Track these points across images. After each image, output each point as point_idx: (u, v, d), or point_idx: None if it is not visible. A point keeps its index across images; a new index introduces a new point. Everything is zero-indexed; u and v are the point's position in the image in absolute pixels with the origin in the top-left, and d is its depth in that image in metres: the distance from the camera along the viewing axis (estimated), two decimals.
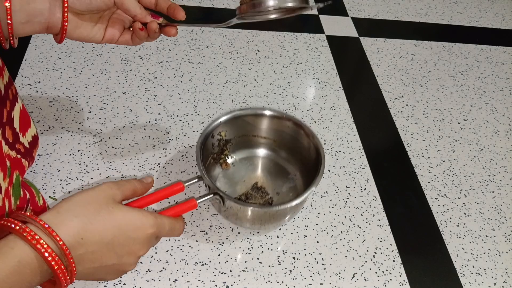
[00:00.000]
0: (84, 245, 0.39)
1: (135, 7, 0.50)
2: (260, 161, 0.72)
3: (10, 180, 0.49)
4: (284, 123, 0.69)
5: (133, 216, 0.42)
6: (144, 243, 0.44)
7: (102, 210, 0.41)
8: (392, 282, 0.62)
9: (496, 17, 1.24)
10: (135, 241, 0.43)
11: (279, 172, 0.71)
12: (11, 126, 0.55)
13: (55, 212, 0.40)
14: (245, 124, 0.69)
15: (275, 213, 0.60)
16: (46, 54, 0.86)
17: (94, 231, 0.40)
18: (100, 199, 0.42)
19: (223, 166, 0.70)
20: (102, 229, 0.40)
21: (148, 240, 0.44)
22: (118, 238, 0.41)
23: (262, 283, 0.60)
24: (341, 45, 1.04)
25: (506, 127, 0.91)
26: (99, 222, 0.40)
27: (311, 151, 0.66)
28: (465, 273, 0.65)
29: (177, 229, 0.48)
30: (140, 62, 0.89)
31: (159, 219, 0.45)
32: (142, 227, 0.43)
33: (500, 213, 0.74)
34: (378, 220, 0.70)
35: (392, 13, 1.17)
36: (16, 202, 0.50)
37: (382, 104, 0.91)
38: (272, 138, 0.72)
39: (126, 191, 0.45)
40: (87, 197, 0.42)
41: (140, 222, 0.43)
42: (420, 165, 0.80)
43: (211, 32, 0.99)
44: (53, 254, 0.37)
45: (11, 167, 0.50)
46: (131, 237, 0.42)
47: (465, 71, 1.03)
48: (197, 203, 0.52)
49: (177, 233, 0.48)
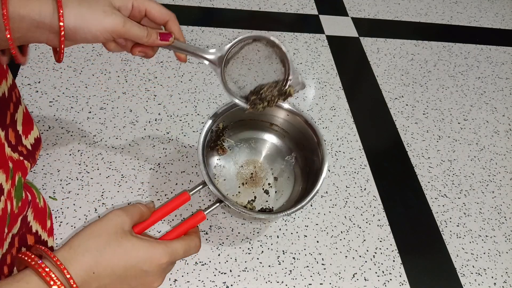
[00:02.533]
0: (96, 279, 0.40)
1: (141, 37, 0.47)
2: (257, 143, 0.71)
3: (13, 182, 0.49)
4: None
5: (143, 248, 0.42)
6: (157, 274, 0.43)
7: (112, 242, 0.41)
8: (392, 282, 0.62)
9: (496, 17, 1.24)
10: (148, 273, 0.42)
11: (276, 153, 0.71)
12: (14, 128, 0.55)
13: (68, 248, 0.40)
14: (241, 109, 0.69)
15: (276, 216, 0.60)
16: (46, 54, 0.86)
17: (106, 264, 0.40)
18: (109, 230, 0.42)
19: (220, 151, 0.70)
20: (113, 262, 0.40)
21: (161, 271, 0.44)
22: (130, 271, 0.41)
23: (262, 283, 0.60)
24: (341, 45, 1.03)
25: (506, 127, 0.91)
26: (110, 255, 0.40)
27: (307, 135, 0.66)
28: (465, 273, 0.65)
29: (193, 248, 0.47)
30: (140, 62, 0.89)
31: (170, 247, 0.44)
32: (153, 259, 0.42)
33: (500, 213, 0.74)
34: (378, 220, 0.70)
35: (392, 13, 1.17)
36: (18, 204, 0.50)
37: (382, 104, 0.91)
38: (269, 121, 0.71)
39: (134, 216, 0.45)
40: (96, 229, 0.42)
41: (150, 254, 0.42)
42: (420, 165, 0.80)
43: (211, 32, 0.99)
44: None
45: (13, 169, 0.51)
46: (142, 269, 0.42)
47: (465, 71, 1.03)
48: (205, 215, 0.52)
49: (193, 251, 0.47)
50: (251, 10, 1.08)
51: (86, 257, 0.40)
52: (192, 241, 0.47)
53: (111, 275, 0.40)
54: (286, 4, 1.12)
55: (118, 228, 0.42)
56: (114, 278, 0.41)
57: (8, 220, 0.48)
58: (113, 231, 0.42)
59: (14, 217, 0.49)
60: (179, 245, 0.45)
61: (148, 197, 0.67)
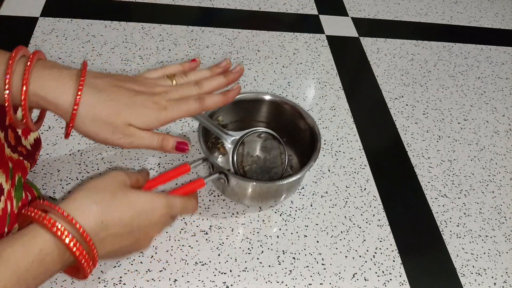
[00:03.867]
0: (105, 228, 0.40)
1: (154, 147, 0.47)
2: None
3: (12, 182, 0.49)
4: (281, 107, 0.71)
5: (146, 198, 0.44)
6: (158, 223, 0.45)
7: (117, 194, 0.42)
8: (392, 282, 0.62)
9: (496, 17, 1.24)
10: (151, 222, 0.44)
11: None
12: (13, 129, 0.55)
13: (73, 200, 0.40)
14: (241, 109, 0.71)
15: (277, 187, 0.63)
16: (46, 54, 0.86)
17: (114, 214, 0.41)
18: (113, 185, 0.43)
19: (221, 149, 0.72)
20: (120, 212, 0.41)
21: (161, 221, 0.45)
22: (136, 220, 0.43)
23: (262, 283, 0.60)
24: (341, 45, 1.04)
25: (506, 127, 0.91)
26: (117, 206, 0.41)
27: (307, 132, 0.68)
28: (465, 273, 0.65)
29: (190, 207, 0.49)
30: (140, 62, 0.89)
31: (171, 199, 0.46)
32: (156, 208, 0.44)
33: (500, 213, 0.74)
34: (378, 220, 0.70)
35: (392, 13, 1.17)
36: (18, 204, 0.50)
37: (382, 104, 0.91)
38: (267, 121, 0.73)
39: (132, 178, 0.47)
40: (101, 184, 0.43)
41: (153, 203, 0.44)
42: (420, 165, 0.80)
43: (211, 32, 0.99)
44: (74, 240, 0.38)
45: (13, 169, 0.51)
46: (146, 218, 0.43)
47: (465, 71, 1.03)
48: (204, 182, 0.53)
49: (190, 210, 0.49)
50: (251, 10, 1.08)
51: (93, 208, 0.40)
52: (190, 200, 0.49)
53: (118, 224, 0.41)
54: (286, 4, 1.12)
55: (121, 183, 0.43)
56: (121, 228, 0.42)
57: (8, 220, 0.48)
58: (118, 186, 0.43)
59: (14, 217, 0.49)
60: (178, 200, 0.47)
61: None
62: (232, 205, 0.68)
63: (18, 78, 0.39)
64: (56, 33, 0.91)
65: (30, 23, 0.92)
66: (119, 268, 0.58)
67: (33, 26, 0.91)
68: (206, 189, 0.69)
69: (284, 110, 0.71)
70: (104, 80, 0.44)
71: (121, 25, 0.96)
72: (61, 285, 0.56)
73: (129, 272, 0.58)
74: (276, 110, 0.72)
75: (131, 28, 0.96)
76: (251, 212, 0.67)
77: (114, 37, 0.93)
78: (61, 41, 0.89)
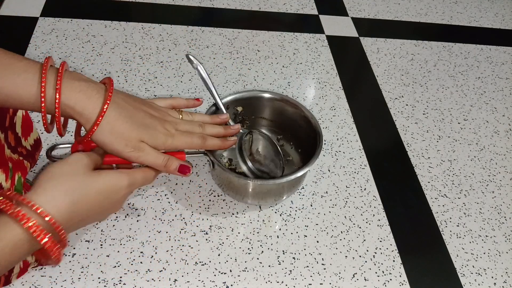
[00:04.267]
0: (75, 216, 0.43)
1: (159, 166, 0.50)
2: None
3: (12, 182, 0.50)
4: (284, 105, 0.71)
5: (111, 180, 0.46)
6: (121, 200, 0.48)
7: (86, 181, 0.44)
8: (392, 282, 0.62)
9: (496, 17, 1.24)
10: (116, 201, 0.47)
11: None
12: (13, 131, 0.56)
13: (43, 190, 0.41)
14: (247, 105, 0.72)
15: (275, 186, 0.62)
16: (46, 54, 0.86)
17: (83, 202, 0.43)
18: (79, 170, 0.44)
19: None
20: (89, 197, 0.44)
21: (126, 196, 0.48)
22: (103, 202, 0.45)
23: (262, 283, 0.60)
24: (341, 45, 1.04)
25: (506, 127, 0.91)
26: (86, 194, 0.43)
27: (309, 131, 0.68)
28: (465, 273, 0.65)
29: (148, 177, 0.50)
30: (140, 62, 0.89)
31: (131, 176, 0.48)
32: (121, 188, 0.46)
33: (500, 213, 0.74)
34: (378, 220, 0.70)
35: (392, 13, 1.17)
36: None
37: (382, 104, 0.91)
38: (269, 118, 0.74)
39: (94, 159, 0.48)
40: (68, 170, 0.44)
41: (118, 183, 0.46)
42: (420, 165, 0.80)
43: (211, 32, 0.99)
44: (48, 235, 0.39)
45: (13, 168, 0.51)
46: (112, 198, 0.46)
47: (465, 71, 1.03)
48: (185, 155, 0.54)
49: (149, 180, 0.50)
50: (251, 10, 1.08)
51: (65, 200, 0.42)
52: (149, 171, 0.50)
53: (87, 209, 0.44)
54: (286, 4, 1.12)
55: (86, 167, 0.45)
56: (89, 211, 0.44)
57: None
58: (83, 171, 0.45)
59: None
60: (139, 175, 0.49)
61: (148, 197, 0.67)
62: (232, 205, 0.68)
63: (50, 87, 0.42)
64: (56, 33, 0.91)
65: (30, 23, 0.92)
66: (119, 268, 0.58)
67: (33, 26, 0.91)
68: (206, 189, 0.69)
69: (286, 110, 0.72)
70: (125, 99, 0.48)
71: (121, 25, 0.96)
72: (61, 285, 0.56)
73: (129, 272, 0.58)
74: (279, 109, 0.73)
75: (131, 28, 0.96)
76: (251, 212, 0.67)
77: (114, 37, 0.93)
78: (61, 41, 0.89)
